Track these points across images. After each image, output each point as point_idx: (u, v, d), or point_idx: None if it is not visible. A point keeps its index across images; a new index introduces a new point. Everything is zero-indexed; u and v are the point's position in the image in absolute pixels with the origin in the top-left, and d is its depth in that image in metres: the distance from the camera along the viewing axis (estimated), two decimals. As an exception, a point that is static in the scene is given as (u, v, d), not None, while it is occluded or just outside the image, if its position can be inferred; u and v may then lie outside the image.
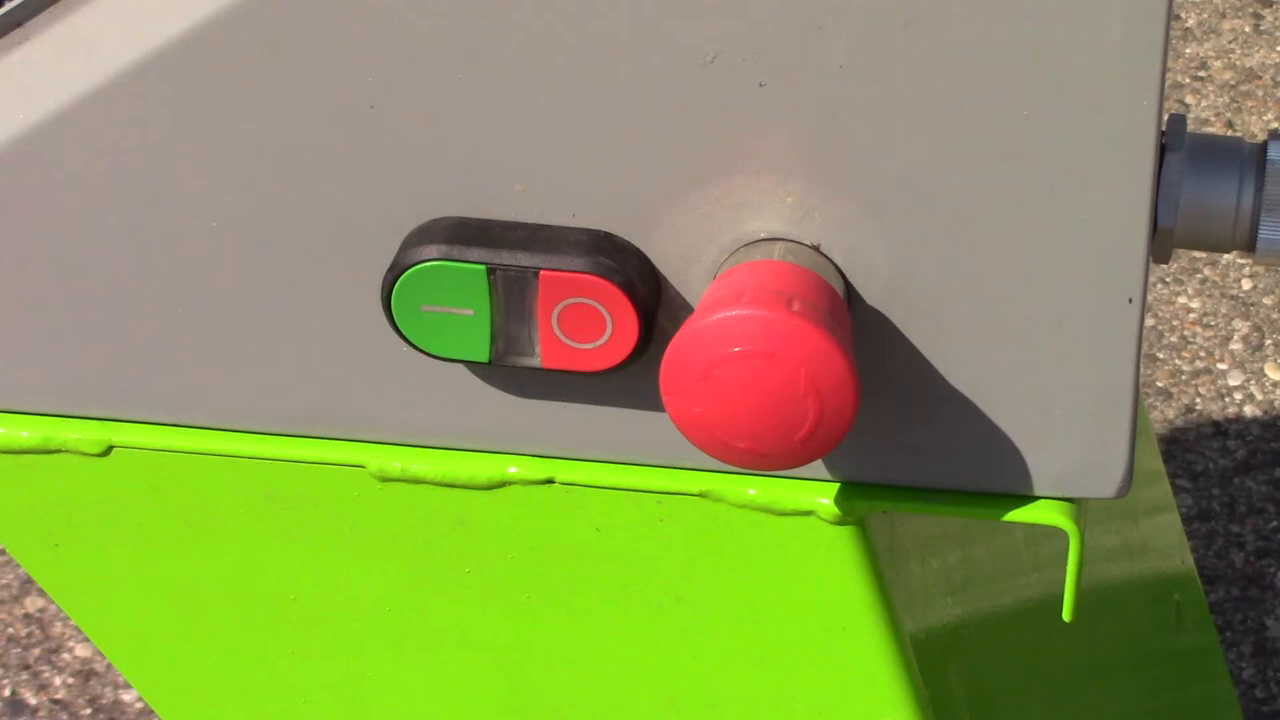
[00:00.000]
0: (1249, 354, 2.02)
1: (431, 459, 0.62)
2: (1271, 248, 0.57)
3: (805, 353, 0.52)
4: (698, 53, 0.54)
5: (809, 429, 0.53)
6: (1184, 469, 1.90)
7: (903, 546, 0.66)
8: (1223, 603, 1.78)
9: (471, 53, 0.55)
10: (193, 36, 0.56)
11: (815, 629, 0.64)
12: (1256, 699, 1.72)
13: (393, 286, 0.57)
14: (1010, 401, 0.59)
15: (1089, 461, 0.59)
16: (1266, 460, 1.90)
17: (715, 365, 0.53)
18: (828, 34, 0.54)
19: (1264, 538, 1.84)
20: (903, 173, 0.55)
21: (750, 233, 0.57)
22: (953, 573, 0.74)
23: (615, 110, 0.55)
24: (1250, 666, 1.74)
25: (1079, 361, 0.58)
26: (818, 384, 0.53)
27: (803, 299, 0.53)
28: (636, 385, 0.59)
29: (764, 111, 0.55)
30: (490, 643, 0.66)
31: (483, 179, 0.57)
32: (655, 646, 0.66)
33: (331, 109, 0.56)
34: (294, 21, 0.55)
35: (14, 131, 0.57)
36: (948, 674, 0.71)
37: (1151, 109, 0.54)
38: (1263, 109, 2.29)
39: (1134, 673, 1.00)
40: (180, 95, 0.56)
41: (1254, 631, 1.76)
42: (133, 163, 0.58)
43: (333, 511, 0.63)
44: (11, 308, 0.61)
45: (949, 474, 0.60)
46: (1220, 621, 1.77)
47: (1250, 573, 1.81)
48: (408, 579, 0.64)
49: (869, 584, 0.63)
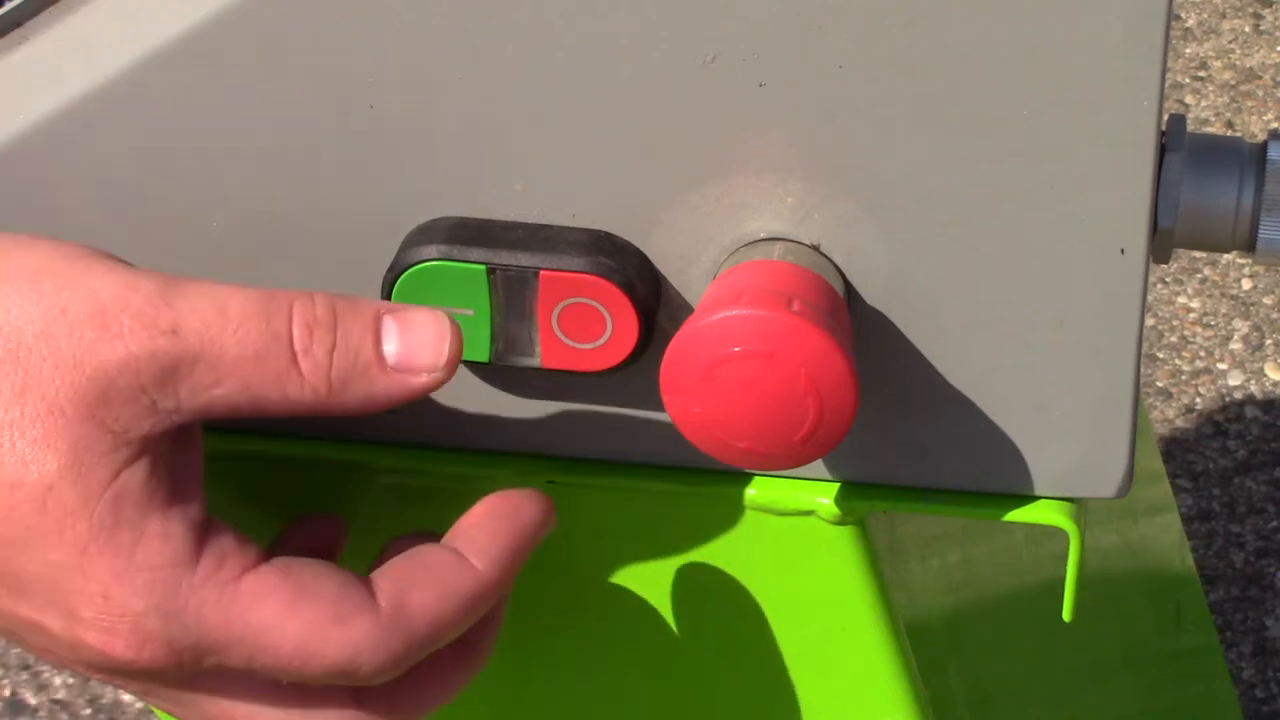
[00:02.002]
0: (1249, 354, 2.02)
1: (432, 459, 0.62)
2: (1271, 248, 0.57)
3: (805, 352, 0.52)
4: (698, 53, 0.54)
5: (809, 429, 0.53)
6: (1184, 469, 1.90)
7: (903, 546, 0.66)
8: (1223, 603, 1.78)
9: (471, 52, 0.55)
10: (193, 36, 0.56)
11: (815, 629, 0.64)
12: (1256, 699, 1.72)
13: (393, 286, 0.57)
14: (1010, 401, 0.59)
15: (1089, 461, 0.59)
16: (1266, 460, 1.90)
17: (715, 365, 0.53)
18: (828, 34, 0.54)
19: (1264, 538, 1.84)
20: (903, 173, 0.55)
21: (750, 233, 0.57)
22: (953, 573, 0.74)
23: (615, 110, 0.55)
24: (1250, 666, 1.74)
25: (1079, 361, 0.58)
26: (818, 384, 0.53)
27: (803, 299, 0.53)
28: (636, 385, 0.59)
29: (764, 111, 0.55)
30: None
31: (483, 179, 0.57)
32: (654, 647, 0.66)
33: (331, 109, 0.56)
34: (294, 21, 0.55)
35: (14, 131, 0.57)
36: (948, 674, 0.71)
37: (1151, 109, 0.54)
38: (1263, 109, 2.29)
39: (1134, 673, 1.00)
40: (180, 95, 0.56)
41: (1254, 631, 1.76)
42: (132, 163, 0.58)
43: (333, 511, 0.63)
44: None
45: (949, 474, 0.60)
46: (1220, 621, 1.77)
47: (1250, 573, 1.81)
48: (408, 579, 0.64)
49: (869, 584, 0.63)
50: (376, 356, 0.54)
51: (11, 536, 0.51)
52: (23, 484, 0.51)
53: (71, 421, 0.51)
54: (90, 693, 1.78)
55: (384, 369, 0.54)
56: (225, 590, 0.53)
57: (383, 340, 0.54)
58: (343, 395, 0.53)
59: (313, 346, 0.53)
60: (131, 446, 0.52)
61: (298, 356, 0.53)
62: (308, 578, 0.54)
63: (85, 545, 0.51)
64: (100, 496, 0.51)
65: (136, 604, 0.52)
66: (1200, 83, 2.31)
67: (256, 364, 0.53)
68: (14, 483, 0.51)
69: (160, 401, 0.52)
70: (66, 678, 1.80)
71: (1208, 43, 2.36)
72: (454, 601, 0.55)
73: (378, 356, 0.54)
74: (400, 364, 0.54)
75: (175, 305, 0.52)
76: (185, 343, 0.52)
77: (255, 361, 0.53)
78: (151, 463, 0.52)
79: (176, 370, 0.52)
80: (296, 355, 0.53)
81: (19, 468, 0.51)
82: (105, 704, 1.77)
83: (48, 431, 0.51)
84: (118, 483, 0.52)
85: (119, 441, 0.52)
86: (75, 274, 0.52)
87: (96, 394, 0.51)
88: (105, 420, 0.52)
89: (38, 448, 0.51)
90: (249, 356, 0.52)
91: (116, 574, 0.52)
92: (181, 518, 0.53)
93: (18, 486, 0.51)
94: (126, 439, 0.52)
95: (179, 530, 0.52)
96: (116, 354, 0.52)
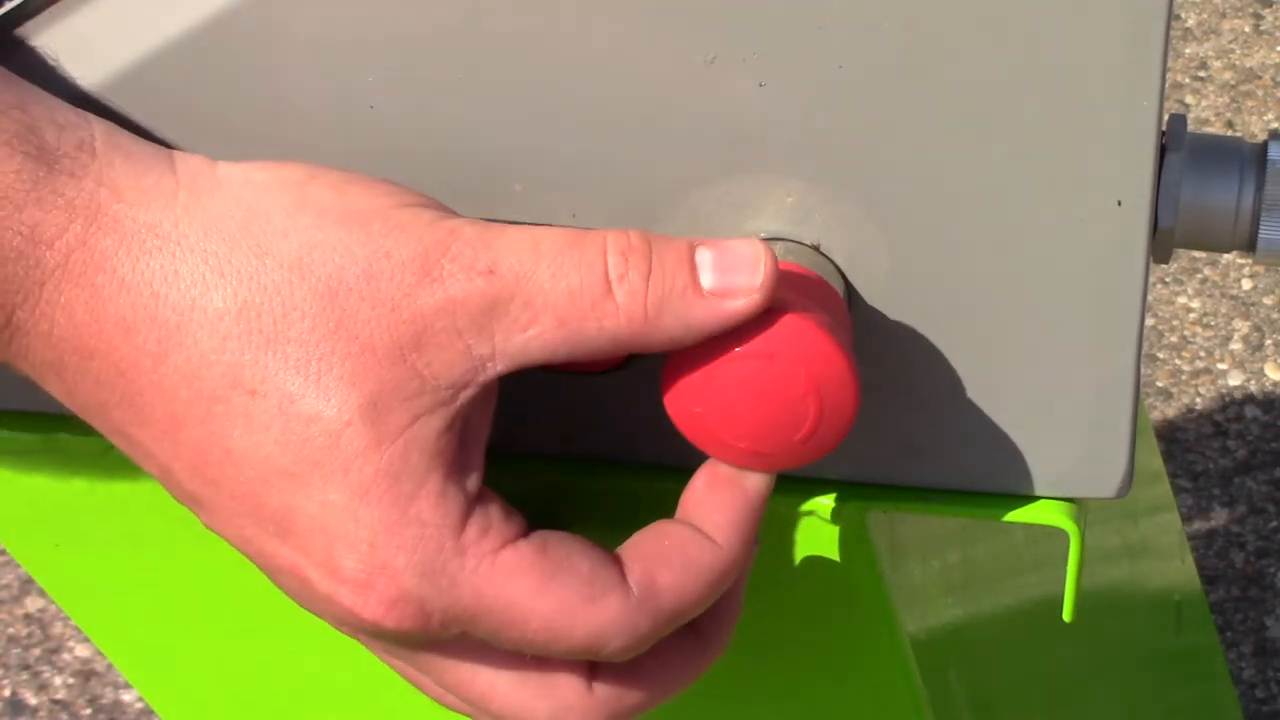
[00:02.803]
0: (1249, 354, 2.02)
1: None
2: (1271, 248, 0.57)
3: (806, 353, 0.52)
4: (698, 53, 0.54)
5: (810, 429, 0.53)
6: (1184, 469, 1.90)
7: (903, 546, 0.66)
8: (1223, 603, 1.78)
9: (471, 52, 0.55)
10: (193, 36, 0.56)
11: (815, 629, 0.64)
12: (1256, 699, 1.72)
13: (393, 286, 0.57)
14: (1010, 401, 0.59)
15: (1089, 461, 0.59)
16: (1266, 460, 1.90)
17: (715, 366, 0.53)
18: (828, 34, 0.54)
19: (1264, 538, 1.84)
20: (903, 173, 0.55)
21: (750, 233, 0.57)
22: (953, 573, 0.74)
23: (615, 110, 0.55)
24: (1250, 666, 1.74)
25: (1079, 361, 0.57)
26: (818, 384, 0.53)
27: (803, 299, 0.53)
28: (636, 385, 0.59)
29: (764, 111, 0.55)
30: (490, 643, 0.66)
31: (483, 179, 0.57)
32: (655, 646, 0.66)
33: (331, 109, 0.56)
34: (294, 21, 0.55)
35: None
36: (948, 674, 0.71)
37: (1151, 109, 0.54)
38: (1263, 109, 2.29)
39: (1134, 673, 1.00)
40: (180, 95, 0.56)
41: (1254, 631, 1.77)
42: (133, 163, 0.58)
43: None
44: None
45: (949, 474, 0.60)
46: (1220, 621, 1.77)
47: (1250, 573, 1.81)
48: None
49: (869, 584, 0.63)
50: (693, 280, 0.53)
51: (297, 470, 0.51)
52: (320, 418, 0.51)
53: (381, 362, 0.51)
54: (90, 693, 1.78)
55: (700, 293, 0.53)
56: (484, 561, 0.52)
57: (698, 266, 0.53)
58: (659, 322, 0.53)
59: (629, 273, 0.52)
60: (436, 394, 0.52)
61: (613, 285, 0.52)
62: (562, 555, 0.53)
63: (367, 488, 0.51)
64: (395, 440, 0.51)
65: (399, 559, 0.51)
66: (1200, 83, 2.31)
67: (572, 297, 0.52)
68: (312, 416, 0.51)
69: (475, 346, 0.52)
70: (67, 678, 1.80)
71: (1208, 43, 2.36)
72: (702, 581, 0.55)
73: (694, 281, 0.53)
74: (716, 287, 0.53)
75: (493, 246, 0.52)
76: (502, 281, 0.52)
77: (571, 295, 0.52)
78: (450, 416, 0.52)
79: (494, 310, 0.52)
80: (612, 283, 0.52)
81: (320, 401, 0.51)
82: (105, 704, 1.77)
83: (356, 369, 0.51)
84: (413, 429, 0.51)
85: (424, 387, 0.52)
86: (404, 220, 0.52)
87: (411, 337, 0.51)
88: (415, 364, 0.51)
89: (343, 384, 0.51)
90: (564, 289, 0.52)
91: (387, 524, 0.51)
92: (460, 479, 0.52)
93: (315, 420, 0.51)
94: (433, 385, 0.52)
95: (455, 492, 0.52)
96: (435, 298, 0.51)
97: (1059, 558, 0.62)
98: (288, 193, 0.53)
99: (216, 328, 0.51)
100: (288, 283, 0.51)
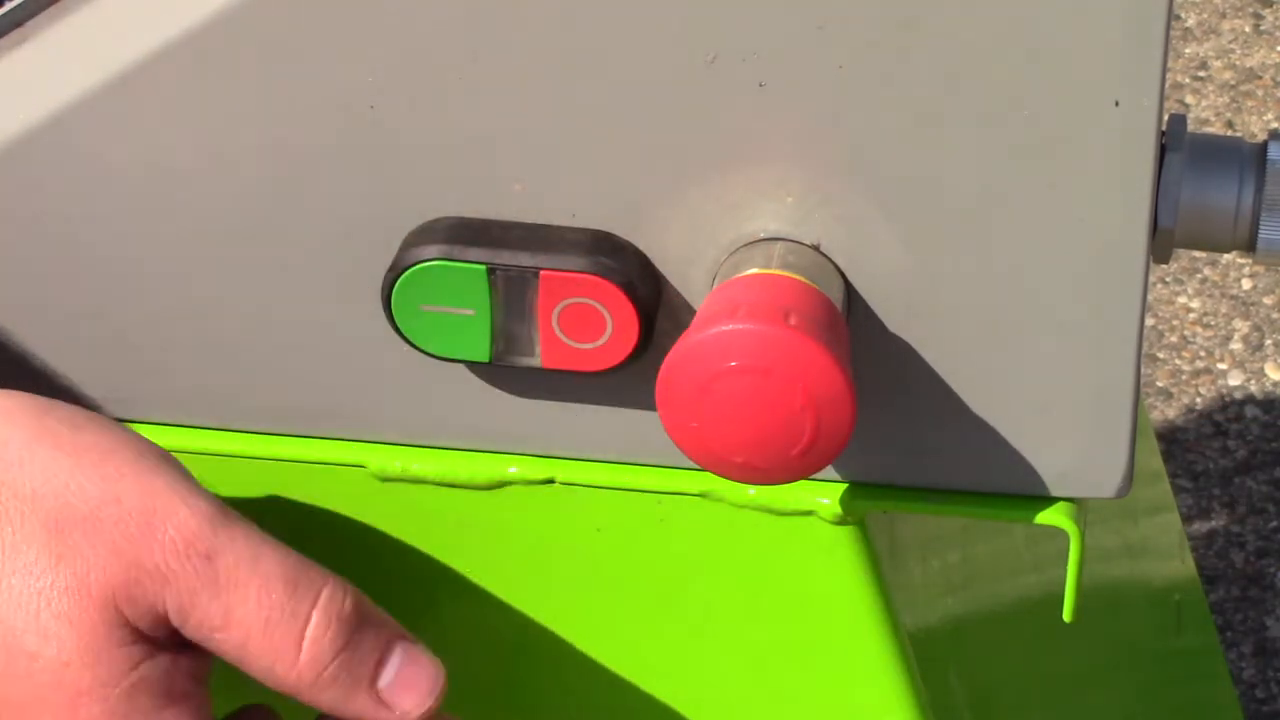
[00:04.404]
0: (1249, 354, 2.02)
1: (432, 459, 0.62)
2: (1271, 248, 0.57)
3: (802, 367, 0.52)
4: (698, 53, 0.54)
5: (806, 443, 0.53)
6: (1184, 469, 1.90)
7: (903, 546, 0.66)
8: (1223, 603, 1.78)
9: (471, 52, 0.55)
10: (193, 36, 0.56)
11: (815, 629, 0.64)
12: (1256, 699, 1.72)
13: (393, 286, 0.57)
14: (1010, 401, 0.59)
15: (1089, 462, 0.59)
16: (1266, 460, 1.90)
17: (711, 380, 0.53)
18: (828, 34, 0.54)
19: (1264, 538, 1.84)
20: (903, 173, 0.55)
21: (750, 233, 0.57)
22: (953, 573, 0.74)
23: (615, 110, 0.56)
24: (1250, 666, 1.74)
25: (1079, 361, 0.58)
26: (815, 398, 0.53)
27: (799, 312, 0.53)
28: (637, 385, 0.59)
29: (764, 111, 0.55)
30: (490, 642, 0.66)
31: (482, 179, 0.57)
32: (655, 646, 0.66)
33: (331, 109, 0.56)
34: (294, 21, 0.55)
35: (14, 131, 0.57)
36: (948, 674, 0.71)
37: (1151, 109, 0.54)
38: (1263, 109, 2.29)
39: (1134, 673, 1.00)
40: (180, 96, 0.56)
41: (1254, 631, 1.77)
42: (132, 164, 0.58)
43: (333, 511, 0.63)
44: (8, 309, 0.61)
45: (949, 474, 0.60)
46: (1220, 621, 1.77)
47: (1250, 573, 1.81)
48: (408, 579, 0.64)
49: (869, 584, 0.63)
50: (373, 675, 0.55)
51: (23, 702, 0.53)
52: (39, 656, 0.53)
53: (96, 604, 0.53)
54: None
55: (372, 689, 0.55)
56: None
57: (385, 664, 0.56)
58: (321, 693, 0.55)
59: (324, 639, 0.54)
60: (151, 644, 0.54)
61: (304, 641, 0.54)
62: None
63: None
64: (118, 684, 0.53)
65: None
66: (1200, 83, 2.31)
67: (265, 629, 0.54)
68: (34, 653, 0.53)
69: (173, 616, 0.54)
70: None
71: (1208, 43, 2.36)
72: None
73: (374, 675, 0.55)
74: (386, 694, 0.55)
75: (219, 535, 0.54)
76: (213, 573, 0.53)
77: (265, 626, 0.54)
78: (171, 660, 0.54)
79: (195, 596, 0.53)
80: (304, 640, 0.54)
81: (39, 640, 0.53)
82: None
83: (73, 607, 0.53)
84: (136, 673, 0.53)
85: (138, 636, 0.54)
86: (140, 470, 0.54)
87: (125, 586, 0.53)
88: (127, 613, 0.53)
89: (59, 622, 0.53)
90: (262, 619, 0.54)
91: None
92: (195, 714, 0.54)
93: (36, 657, 0.53)
94: (145, 636, 0.54)
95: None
96: (152, 558, 0.53)
97: (1059, 558, 0.61)
98: (27, 421, 0.54)
99: None
100: (20, 513, 0.53)
